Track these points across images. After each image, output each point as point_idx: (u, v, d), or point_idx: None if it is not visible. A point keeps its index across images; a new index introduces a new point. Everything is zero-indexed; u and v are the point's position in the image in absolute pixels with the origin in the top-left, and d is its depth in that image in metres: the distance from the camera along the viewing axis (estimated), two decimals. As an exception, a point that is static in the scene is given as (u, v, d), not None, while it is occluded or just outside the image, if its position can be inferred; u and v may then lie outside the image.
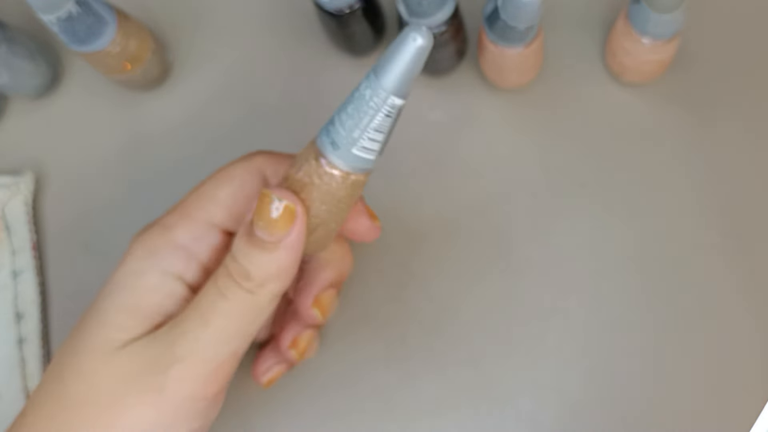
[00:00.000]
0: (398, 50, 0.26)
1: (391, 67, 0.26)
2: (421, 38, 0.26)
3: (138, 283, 0.30)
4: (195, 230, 0.30)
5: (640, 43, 0.36)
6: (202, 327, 0.28)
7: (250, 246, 0.28)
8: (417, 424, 0.39)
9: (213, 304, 0.29)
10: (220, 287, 0.29)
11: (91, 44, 0.37)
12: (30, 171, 0.42)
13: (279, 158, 0.32)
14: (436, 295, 0.40)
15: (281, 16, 0.44)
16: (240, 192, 0.31)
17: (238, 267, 0.28)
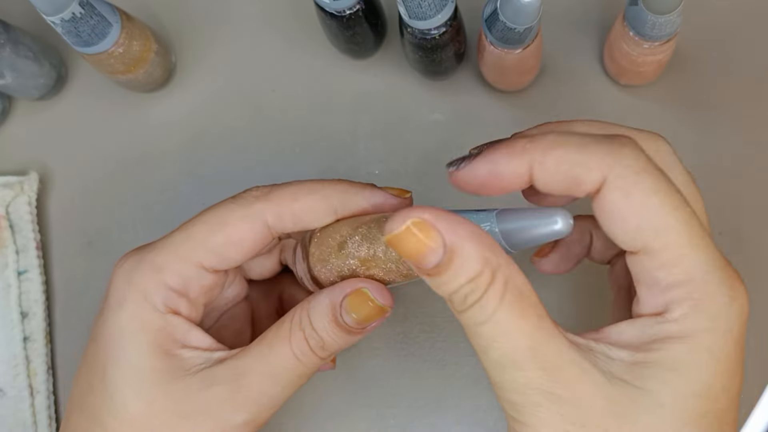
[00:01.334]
0: (536, 222, 0.26)
1: (519, 228, 0.26)
2: (562, 223, 0.25)
3: (143, 328, 0.30)
4: (186, 272, 0.30)
5: (637, 44, 0.36)
6: (272, 383, 0.29)
7: (335, 327, 0.29)
8: (418, 420, 0.39)
9: (286, 363, 0.29)
10: (296, 352, 0.29)
11: (95, 46, 0.37)
12: (34, 171, 0.42)
13: (280, 204, 0.30)
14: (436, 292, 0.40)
15: (283, 19, 0.44)
16: (233, 240, 0.30)
17: (318, 340, 0.29)
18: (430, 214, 0.24)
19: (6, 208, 0.41)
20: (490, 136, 0.41)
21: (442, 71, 0.41)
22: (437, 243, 0.24)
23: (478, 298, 0.25)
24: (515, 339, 0.24)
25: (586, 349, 0.25)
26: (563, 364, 0.24)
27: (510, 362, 0.25)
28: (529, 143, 0.26)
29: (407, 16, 0.35)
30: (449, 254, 0.24)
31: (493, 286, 0.24)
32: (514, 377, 0.25)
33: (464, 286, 0.25)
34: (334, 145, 0.42)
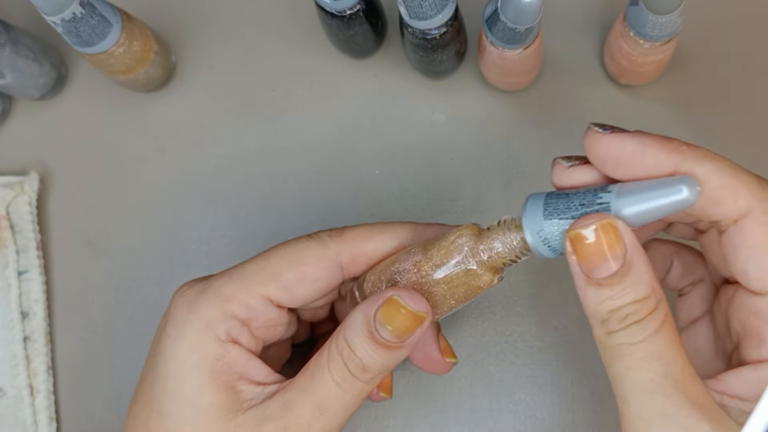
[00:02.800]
0: (658, 191, 0.24)
1: (639, 202, 0.24)
2: (689, 192, 0.23)
3: (203, 360, 0.29)
4: (253, 304, 0.29)
5: (638, 44, 0.36)
6: (318, 416, 0.28)
7: (372, 344, 0.28)
8: (417, 420, 0.39)
9: (327, 392, 0.28)
10: (336, 379, 0.28)
11: (96, 46, 0.37)
12: (34, 171, 0.42)
13: (354, 245, 0.30)
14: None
15: (283, 18, 0.44)
16: (308, 279, 0.30)
17: (357, 362, 0.28)
18: (621, 223, 0.24)
19: (6, 208, 0.41)
20: (491, 136, 0.41)
21: (442, 71, 0.41)
22: (620, 253, 0.24)
23: (640, 319, 0.24)
24: (669, 364, 0.24)
25: (720, 404, 0.25)
26: (708, 406, 0.24)
27: (659, 387, 0.24)
28: (686, 146, 0.25)
29: (408, 16, 0.35)
30: (627, 268, 0.24)
31: (656, 312, 0.24)
32: (660, 404, 0.24)
33: (629, 305, 0.24)
34: (334, 144, 0.42)
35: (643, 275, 0.24)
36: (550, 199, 0.26)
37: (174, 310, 0.30)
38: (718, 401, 0.25)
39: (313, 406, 0.28)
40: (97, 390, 0.41)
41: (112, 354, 0.41)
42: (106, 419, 0.41)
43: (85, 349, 0.41)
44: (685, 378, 0.24)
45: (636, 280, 0.24)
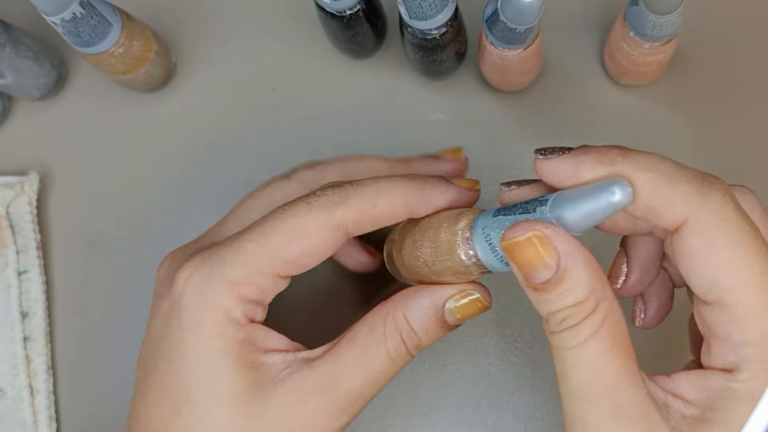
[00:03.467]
0: (592, 195, 0.24)
1: (574, 207, 0.25)
2: (620, 194, 0.23)
3: (227, 347, 0.29)
4: (263, 284, 0.29)
5: (638, 44, 0.36)
6: (368, 388, 0.29)
7: (437, 326, 0.29)
8: (417, 420, 0.39)
9: (382, 366, 0.29)
10: (393, 355, 0.29)
11: (96, 46, 0.37)
12: (34, 171, 0.42)
13: (361, 212, 0.29)
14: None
15: (283, 18, 0.44)
16: (315, 251, 0.29)
17: (416, 340, 0.29)
18: (552, 231, 0.25)
19: (6, 208, 0.41)
20: (491, 136, 0.41)
21: (442, 71, 0.41)
22: (553, 260, 0.25)
23: (574, 324, 0.25)
24: (598, 372, 0.25)
25: (662, 405, 0.25)
26: (636, 414, 0.24)
27: (586, 394, 0.25)
28: (621, 157, 0.25)
29: (408, 16, 0.35)
30: (560, 274, 0.25)
31: (592, 316, 0.25)
32: (586, 411, 0.25)
33: (565, 310, 0.25)
34: (335, 144, 0.42)
35: (580, 280, 0.25)
36: (497, 212, 0.27)
37: (186, 300, 0.29)
38: (662, 400, 0.25)
39: (365, 378, 0.29)
40: (97, 390, 0.41)
41: (112, 354, 0.41)
42: (106, 419, 0.41)
43: (85, 349, 0.41)
44: (616, 385, 0.24)
45: (571, 286, 0.25)
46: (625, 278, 0.31)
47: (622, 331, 0.25)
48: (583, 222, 0.25)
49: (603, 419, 0.24)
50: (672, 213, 0.24)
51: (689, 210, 0.24)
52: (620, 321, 0.25)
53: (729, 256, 0.24)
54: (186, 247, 0.32)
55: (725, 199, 0.24)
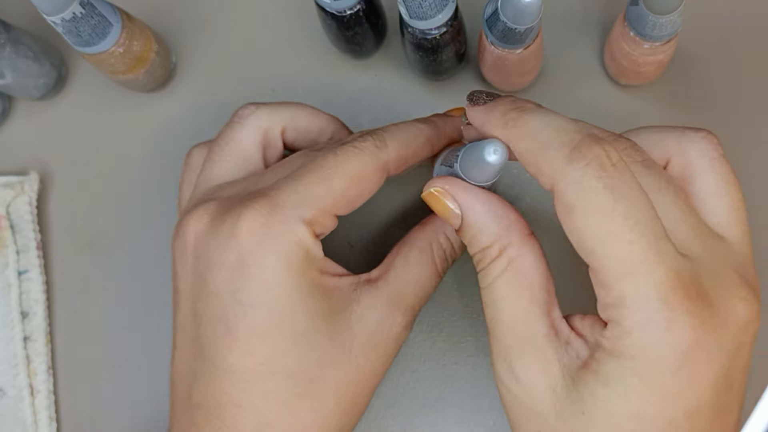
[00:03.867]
0: (475, 156, 0.28)
1: (469, 164, 0.29)
2: (494, 156, 0.27)
3: (314, 281, 0.31)
4: (328, 223, 0.31)
5: (638, 44, 0.36)
6: (423, 300, 0.34)
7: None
8: (418, 420, 0.39)
9: (432, 281, 0.34)
10: (440, 271, 0.34)
11: (96, 46, 0.37)
12: (34, 171, 0.42)
13: (398, 154, 0.33)
14: (437, 291, 0.40)
15: (284, 18, 0.44)
16: (367, 191, 0.32)
17: (455, 254, 0.35)
18: (450, 185, 0.29)
19: (6, 208, 0.41)
20: (491, 136, 0.41)
21: (442, 71, 0.41)
22: (453, 213, 0.29)
23: (484, 267, 0.28)
24: (499, 311, 0.28)
25: (563, 342, 0.28)
26: (529, 350, 0.28)
27: (491, 330, 0.29)
28: (513, 122, 0.28)
29: (408, 15, 0.35)
30: (464, 225, 0.29)
31: (497, 261, 0.28)
32: (491, 344, 0.29)
33: (477, 254, 0.29)
34: (335, 145, 0.42)
35: (482, 228, 0.28)
36: (451, 150, 0.32)
37: (266, 246, 0.30)
38: (565, 338, 0.28)
39: (422, 291, 0.34)
40: (97, 390, 0.41)
41: (112, 354, 0.41)
42: (106, 419, 0.41)
43: (85, 349, 0.41)
44: (513, 323, 0.28)
45: (475, 233, 0.29)
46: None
47: (529, 274, 0.28)
48: (478, 175, 0.28)
49: (502, 354, 0.28)
50: (542, 180, 0.26)
51: (553, 180, 0.26)
52: (528, 265, 0.28)
53: (587, 225, 0.25)
54: (218, 201, 0.32)
55: (588, 168, 0.25)
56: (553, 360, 0.27)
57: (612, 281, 0.25)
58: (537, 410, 0.27)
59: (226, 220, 0.30)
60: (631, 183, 0.25)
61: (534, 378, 0.27)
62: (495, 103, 0.29)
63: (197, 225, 0.31)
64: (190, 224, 0.31)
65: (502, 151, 0.27)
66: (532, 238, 0.29)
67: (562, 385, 0.27)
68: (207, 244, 0.31)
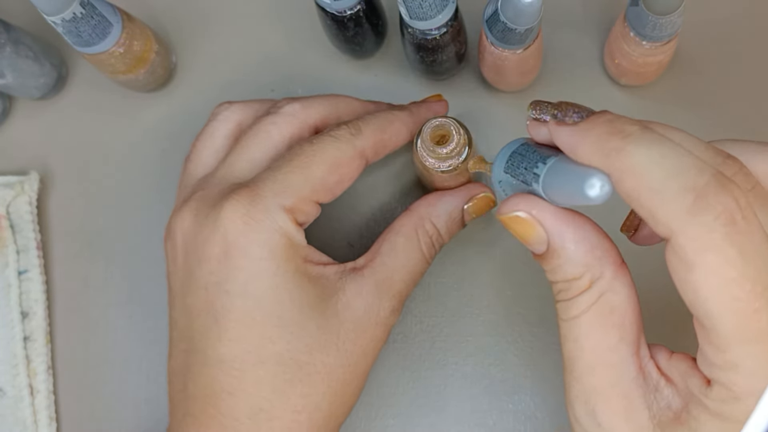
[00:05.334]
0: (574, 183, 0.23)
1: (559, 189, 0.24)
2: (597, 191, 0.22)
3: (298, 268, 0.32)
4: (310, 210, 0.33)
5: (638, 44, 0.36)
6: (411, 285, 0.35)
7: (457, 226, 0.36)
8: (418, 420, 0.39)
9: (421, 266, 0.35)
10: (427, 257, 0.35)
11: (96, 46, 0.37)
12: (35, 171, 0.42)
13: (374, 140, 0.34)
14: (436, 292, 0.40)
15: (284, 18, 0.44)
16: (346, 178, 0.33)
17: (443, 242, 0.36)
18: (537, 210, 0.25)
19: (6, 208, 0.41)
20: (491, 136, 0.41)
21: (442, 71, 0.41)
22: (540, 239, 0.25)
23: (568, 298, 0.25)
24: (583, 349, 0.25)
25: (652, 388, 0.25)
26: (614, 394, 0.25)
27: (570, 367, 0.25)
28: (616, 153, 0.23)
29: (408, 16, 0.35)
30: (550, 252, 0.25)
31: (586, 294, 0.25)
32: (569, 383, 0.26)
33: (560, 283, 0.25)
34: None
35: (570, 258, 0.25)
36: (513, 154, 0.27)
37: (249, 236, 0.31)
38: (654, 383, 0.25)
39: (409, 277, 0.34)
40: (97, 390, 0.41)
41: (112, 354, 0.41)
42: (106, 419, 0.41)
43: (85, 349, 0.41)
44: (597, 364, 0.25)
45: (562, 263, 0.25)
46: (636, 230, 0.31)
47: (619, 310, 0.25)
48: (566, 203, 0.25)
49: (580, 394, 0.25)
50: (655, 226, 0.23)
51: (670, 231, 0.22)
52: (620, 299, 0.25)
53: (707, 286, 0.22)
54: (199, 197, 0.33)
55: (715, 223, 0.22)
56: (641, 408, 0.24)
57: (727, 345, 0.22)
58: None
59: (209, 214, 0.31)
60: (760, 239, 0.22)
61: (619, 426, 0.25)
62: (589, 125, 0.24)
63: (183, 223, 0.32)
64: (177, 223, 0.33)
65: (609, 188, 0.22)
66: (624, 269, 0.25)
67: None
68: (194, 239, 0.32)
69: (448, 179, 0.36)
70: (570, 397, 0.26)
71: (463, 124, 0.34)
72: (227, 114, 0.36)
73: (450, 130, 0.34)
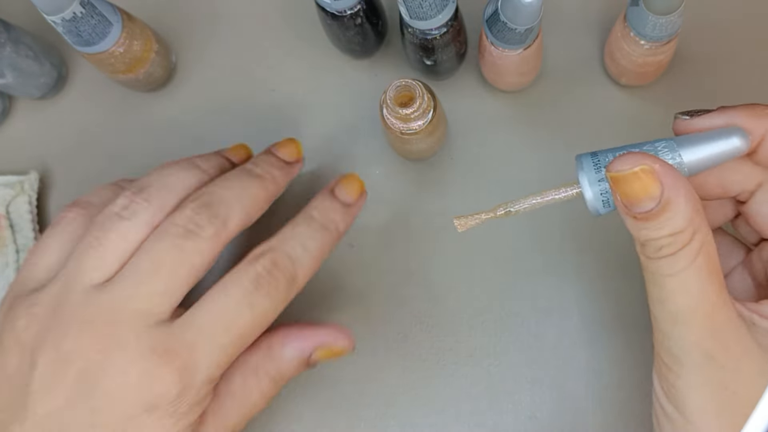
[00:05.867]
0: (714, 140, 0.27)
1: (698, 147, 0.27)
2: (742, 141, 0.27)
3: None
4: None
5: (638, 44, 0.36)
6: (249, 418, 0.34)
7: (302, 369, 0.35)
8: (417, 420, 0.39)
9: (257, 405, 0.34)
10: (265, 394, 0.34)
11: (96, 45, 0.37)
12: (34, 170, 0.42)
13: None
14: (436, 292, 0.40)
15: (283, 19, 0.44)
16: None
17: (283, 381, 0.35)
18: (660, 165, 0.26)
19: (6, 208, 0.41)
20: (491, 136, 0.41)
21: (442, 71, 0.41)
22: (657, 193, 0.26)
23: (672, 252, 0.26)
24: (696, 299, 0.26)
25: (749, 323, 0.27)
26: (731, 333, 0.27)
27: (685, 319, 0.27)
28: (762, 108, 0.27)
29: (408, 16, 0.35)
30: (663, 206, 0.26)
31: (689, 246, 0.26)
32: (684, 333, 0.27)
33: (664, 238, 0.27)
34: (335, 144, 0.42)
35: (679, 211, 0.26)
36: (596, 155, 0.29)
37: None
38: (748, 318, 0.27)
39: (245, 416, 0.34)
40: (97, 390, 0.41)
41: (112, 354, 0.41)
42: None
43: (85, 349, 0.41)
44: (713, 308, 0.27)
45: (671, 216, 0.26)
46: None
47: (715, 258, 0.27)
48: (700, 163, 0.27)
49: (702, 342, 0.27)
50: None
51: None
52: (714, 249, 0.27)
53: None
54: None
55: None
56: (754, 346, 0.27)
57: None
58: (745, 394, 0.27)
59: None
60: None
61: (743, 363, 0.27)
62: (725, 108, 0.29)
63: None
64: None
65: (748, 138, 0.27)
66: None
67: (766, 362, 0.27)
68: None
69: (414, 143, 0.36)
70: (683, 345, 0.27)
71: (429, 87, 0.34)
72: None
73: (414, 91, 0.34)
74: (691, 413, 0.27)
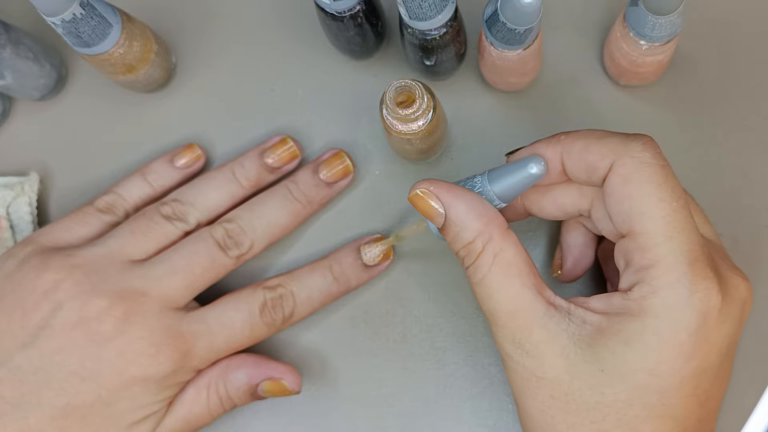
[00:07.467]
0: (516, 174, 0.31)
1: (505, 181, 0.32)
2: (536, 168, 0.31)
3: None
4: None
5: (637, 45, 0.36)
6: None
7: (250, 397, 0.38)
8: (417, 420, 0.39)
9: (202, 419, 0.37)
10: (212, 412, 0.37)
11: (96, 46, 0.37)
12: (34, 172, 0.42)
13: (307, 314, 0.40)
14: (436, 292, 0.40)
15: (283, 19, 0.44)
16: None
17: (231, 403, 0.37)
18: (435, 187, 0.31)
19: (6, 209, 0.41)
20: (491, 137, 0.41)
21: (442, 72, 0.41)
22: (439, 210, 0.31)
23: (471, 262, 0.31)
24: (497, 302, 0.30)
25: (564, 313, 0.30)
26: (533, 327, 0.30)
27: (493, 319, 0.31)
28: (564, 135, 0.32)
29: (407, 16, 0.35)
30: (448, 221, 0.31)
31: (483, 256, 0.30)
32: (496, 331, 0.31)
33: (461, 250, 0.31)
34: (334, 145, 0.42)
35: (464, 226, 0.30)
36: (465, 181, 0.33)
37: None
38: (565, 309, 0.30)
39: (189, 428, 0.37)
40: (98, 390, 0.41)
41: (113, 354, 0.41)
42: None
43: (86, 350, 0.41)
44: (513, 308, 0.30)
45: (458, 231, 0.31)
46: (561, 266, 0.37)
47: (515, 261, 0.30)
48: (508, 192, 0.31)
49: (509, 337, 0.30)
50: (602, 163, 0.30)
51: (614, 156, 0.30)
52: (512, 255, 0.30)
53: (641, 192, 0.29)
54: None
55: (645, 146, 0.30)
56: (558, 332, 0.30)
57: (652, 244, 0.29)
58: (550, 377, 0.29)
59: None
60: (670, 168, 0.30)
61: (544, 349, 0.30)
62: (535, 143, 0.33)
63: None
64: None
65: (543, 164, 0.31)
66: (510, 232, 0.31)
67: (575, 351, 0.29)
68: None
69: (414, 144, 0.36)
70: (499, 340, 0.31)
71: (429, 87, 0.35)
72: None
73: (414, 92, 0.34)
74: (516, 397, 0.31)
